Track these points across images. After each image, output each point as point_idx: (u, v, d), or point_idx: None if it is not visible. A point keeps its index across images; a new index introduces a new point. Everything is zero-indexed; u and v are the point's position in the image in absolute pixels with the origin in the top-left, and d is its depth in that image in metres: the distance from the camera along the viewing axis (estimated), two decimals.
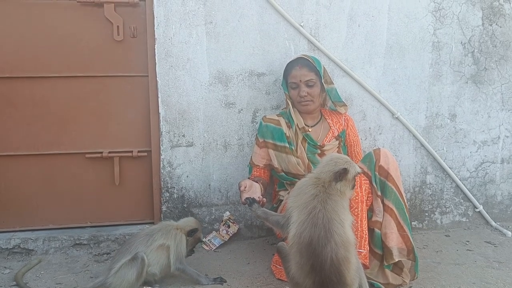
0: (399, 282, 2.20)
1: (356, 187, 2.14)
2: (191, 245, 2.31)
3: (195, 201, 2.79)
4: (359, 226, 2.11)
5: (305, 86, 2.43)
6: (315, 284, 1.71)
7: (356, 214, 2.12)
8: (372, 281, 2.16)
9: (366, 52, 2.84)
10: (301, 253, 1.74)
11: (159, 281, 2.21)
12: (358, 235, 2.09)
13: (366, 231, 2.16)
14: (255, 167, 2.55)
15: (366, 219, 2.18)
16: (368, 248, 2.14)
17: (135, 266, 2.04)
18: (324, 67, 2.52)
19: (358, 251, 2.06)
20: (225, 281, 2.25)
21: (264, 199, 2.22)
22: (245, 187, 2.23)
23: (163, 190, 2.76)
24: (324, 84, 2.48)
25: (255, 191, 2.27)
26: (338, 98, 2.55)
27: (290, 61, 2.50)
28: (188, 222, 2.31)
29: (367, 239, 2.15)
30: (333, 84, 2.55)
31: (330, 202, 1.77)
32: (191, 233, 2.26)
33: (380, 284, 2.16)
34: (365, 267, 2.11)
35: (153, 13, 2.61)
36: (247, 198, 2.12)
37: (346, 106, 2.58)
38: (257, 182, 2.35)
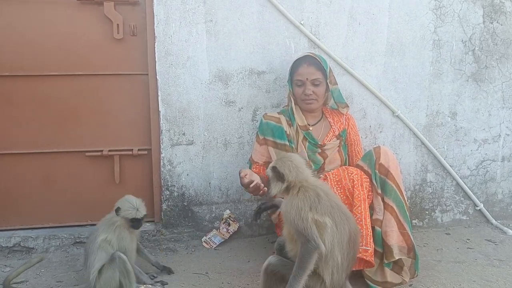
0: (399, 281, 2.19)
1: (357, 185, 2.15)
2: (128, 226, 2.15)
3: (195, 199, 2.79)
4: (363, 224, 2.10)
5: (311, 85, 2.42)
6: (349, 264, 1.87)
7: (359, 212, 2.11)
8: (369, 282, 2.17)
9: (366, 50, 2.84)
10: (342, 252, 1.81)
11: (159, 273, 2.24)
12: (364, 233, 2.07)
13: (370, 229, 2.15)
14: (255, 164, 2.55)
15: (369, 217, 2.17)
16: (373, 245, 2.12)
17: (116, 267, 2.00)
18: (330, 67, 2.52)
19: (365, 249, 2.05)
20: (173, 273, 2.31)
21: (266, 188, 2.21)
22: (245, 175, 2.24)
23: (163, 188, 2.76)
24: (328, 84, 2.47)
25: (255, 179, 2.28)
26: (340, 99, 2.54)
27: (298, 58, 2.48)
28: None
29: (372, 237, 2.14)
30: (337, 84, 2.53)
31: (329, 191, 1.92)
32: (117, 211, 2.13)
33: (376, 287, 2.15)
34: (371, 265, 2.11)
35: (153, 11, 2.61)
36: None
37: (348, 107, 2.58)
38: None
